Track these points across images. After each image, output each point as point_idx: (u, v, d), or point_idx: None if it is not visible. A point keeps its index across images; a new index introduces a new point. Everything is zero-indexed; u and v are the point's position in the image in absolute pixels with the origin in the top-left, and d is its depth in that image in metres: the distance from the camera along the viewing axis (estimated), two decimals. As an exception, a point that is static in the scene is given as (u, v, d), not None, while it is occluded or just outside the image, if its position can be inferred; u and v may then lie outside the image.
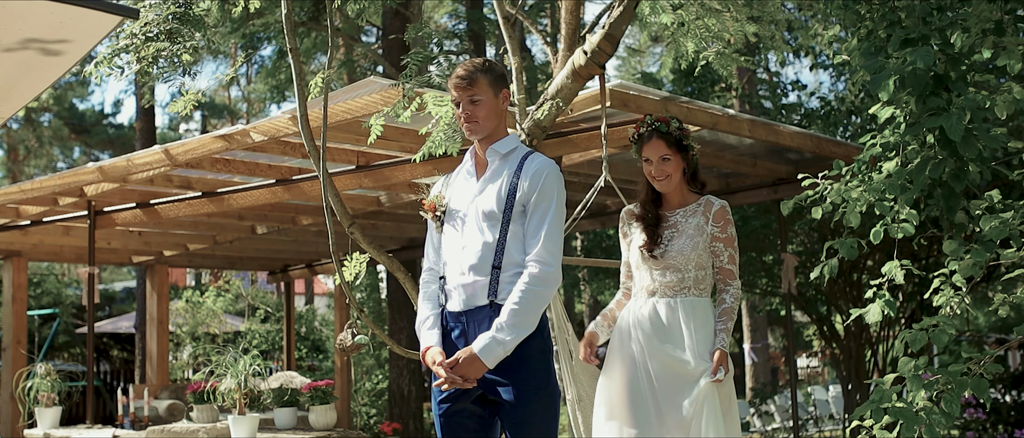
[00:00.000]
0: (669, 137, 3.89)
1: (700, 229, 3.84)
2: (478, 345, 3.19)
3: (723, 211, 3.88)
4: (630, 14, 5.13)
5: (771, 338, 22.98)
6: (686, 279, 3.81)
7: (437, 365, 3.25)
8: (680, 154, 3.90)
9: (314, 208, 9.33)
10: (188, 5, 4.79)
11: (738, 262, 3.90)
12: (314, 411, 6.77)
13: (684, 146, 3.91)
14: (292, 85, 17.12)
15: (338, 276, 4.61)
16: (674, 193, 3.94)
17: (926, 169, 3.75)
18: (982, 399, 3.60)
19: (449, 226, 3.42)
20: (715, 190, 8.57)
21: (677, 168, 3.90)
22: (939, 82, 3.88)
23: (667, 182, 3.91)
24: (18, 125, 25.50)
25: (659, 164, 3.90)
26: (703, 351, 3.73)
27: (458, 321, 3.32)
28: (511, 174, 3.35)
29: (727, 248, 3.86)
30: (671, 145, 3.88)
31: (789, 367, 9.44)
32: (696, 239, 3.83)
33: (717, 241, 3.85)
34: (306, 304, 22.59)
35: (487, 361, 3.18)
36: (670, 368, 3.74)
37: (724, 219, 3.86)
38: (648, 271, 3.87)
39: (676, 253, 3.82)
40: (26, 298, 10.18)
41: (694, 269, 3.82)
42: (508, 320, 3.17)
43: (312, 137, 4.75)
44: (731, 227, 3.88)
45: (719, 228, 3.85)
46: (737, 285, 3.88)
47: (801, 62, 16.88)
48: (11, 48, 4.28)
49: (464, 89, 3.36)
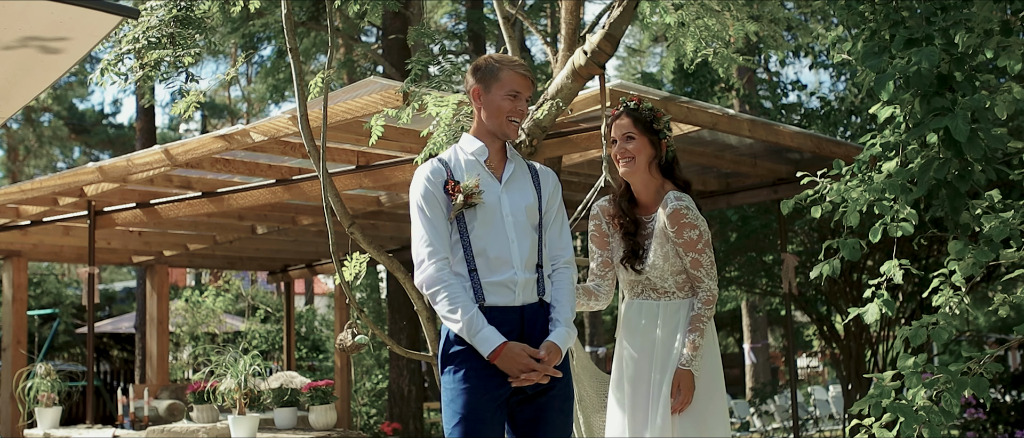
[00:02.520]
0: (636, 114, 3.65)
1: (665, 234, 3.62)
2: (557, 338, 3.28)
3: (677, 214, 3.58)
4: (630, 14, 5.13)
5: (771, 338, 22.98)
6: (668, 286, 3.67)
7: (529, 358, 3.19)
8: (647, 136, 3.64)
9: (314, 208, 9.33)
10: (189, 7, 4.78)
11: (707, 264, 3.63)
12: (314, 411, 6.77)
13: (653, 129, 3.64)
14: (291, 85, 17.13)
15: (338, 276, 4.61)
16: (645, 186, 3.70)
17: (931, 169, 3.74)
18: (982, 399, 3.60)
19: (482, 219, 3.28)
20: (715, 190, 8.58)
21: (641, 151, 3.64)
22: (943, 82, 3.88)
23: (630, 165, 3.65)
24: (18, 125, 25.50)
25: (622, 143, 3.65)
26: (665, 366, 3.62)
27: (507, 317, 3.25)
28: (532, 177, 3.44)
29: (689, 252, 3.59)
30: (637, 123, 3.63)
31: (789, 367, 9.44)
32: (665, 247, 3.62)
33: (677, 246, 3.61)
34: (306, 304, 22.58)
35: (563, 353, 3.30)
36: (641, 370, 3.70)
37: (679, 223, 3.58)
38: (630, 278, 3.77)
39: (650, 267, 3.66)
40: (26, 298, 10.18)
41: (672, 276, 3.66)
42: (568, 316, 3.33)
43: (312, 137, 4.74)
44: (689, 231, 3.58)
45: (675, 233, 3.59)
46: (706, 288, 3.62)
47: (801, 62, 16.90)
48: (10, 46, 4.28)
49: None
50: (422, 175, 3.32)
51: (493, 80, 3.36)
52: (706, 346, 3.68)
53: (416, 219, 3.30)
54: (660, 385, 3.63)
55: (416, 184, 3.32)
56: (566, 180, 8.24)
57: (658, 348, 3.67)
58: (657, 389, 3.63)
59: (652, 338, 3.69)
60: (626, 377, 3.73)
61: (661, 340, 3.67)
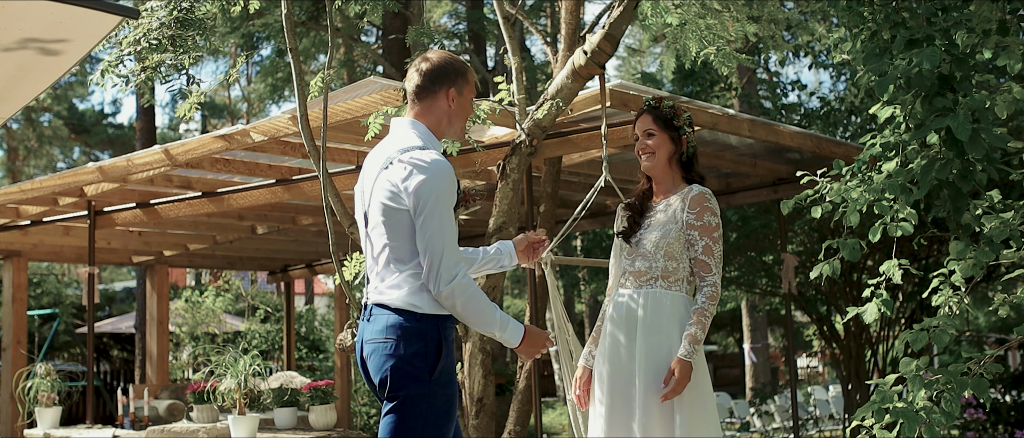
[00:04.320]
0: (656, 112, 3.80)
1: (675, 217, 3.69)
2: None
3: (701, 197, 3.69)
4: (630, 14, 5.13)
5: (771, 338, 22.99)
6: (654, 269, 3.68)
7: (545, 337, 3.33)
8: (667, 133, 3.78)
9: (314, 208, 9.33)
10: (190, 9, 4.78)
11: (717, 255, 3.68)
12: (314, 411, 6.77)
13: (673, 126, 3.79)
14: (289, 84, 17.13)
15: (338, 276, 4.61)
16: (663, 179, 3.81)
17: (933, 170, 3.74)
18: (982, 399, 3.60)
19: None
20: (715, 190, 8.55)
21: (662, 146, 3.78)
22: (944, 82, 3.87)
23: (651, 160, 3.79)
24: (18, 125, 25.50)
25: (643, 139, 3.80)
26: (650, 362, 3.60)
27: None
28: None
29: (703, 237, 3.65)
30: (657, 121, 3.78)
31: (789, 367, 9.43)
32: (668, 226, 3.68)
33: (691, 229, 3.66)
34: (306, 304, 22.58)
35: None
36: (618, 368, 3.70)
37: (701, 206, 3.67)
38: (623, 260, 3.81)
39: (646, 240, 3.71)
40: (26, 298, 10.18)
41: (663, 259, 3.67)
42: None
43: (312, 137, 4.75)
44: (710, 215, 3.66)
45: (694, 215, 3.67)
46: (713, 280, 3.65)
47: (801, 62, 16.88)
48: (10, 48, 4.28)
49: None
50: (450, 172, 3.14)
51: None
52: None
53: (446, 218, 3.08)
54: (639, 380, 3.62)
55: (447, 180, 3.11)
56: (566, 180, 8.24)
57: (639, 341, 3.66)
58: (641, 382, 3.61)
59: (633, 329, 3.69)
60: (605, 373, 3.74)
61: (642, 330, 3.66)
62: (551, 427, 17.44)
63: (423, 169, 3.07)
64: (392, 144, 3.21)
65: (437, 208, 3.05)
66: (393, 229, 3.11)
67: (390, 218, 3.10)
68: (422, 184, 3.05)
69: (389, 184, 3.11)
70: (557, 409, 19.40)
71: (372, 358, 3.12)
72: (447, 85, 3.26)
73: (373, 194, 3.17)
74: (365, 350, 3.17)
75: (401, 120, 3.30)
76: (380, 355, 3.09)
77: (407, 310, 3.08)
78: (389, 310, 3.10)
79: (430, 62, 3.27)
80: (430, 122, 3.26)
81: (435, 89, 3.25)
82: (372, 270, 3.21)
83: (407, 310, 3.08)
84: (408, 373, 3.05)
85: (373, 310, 3.15)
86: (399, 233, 3.10)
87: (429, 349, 3.08)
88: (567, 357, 4.73)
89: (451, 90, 3.26)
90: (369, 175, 3.22)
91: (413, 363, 3.05)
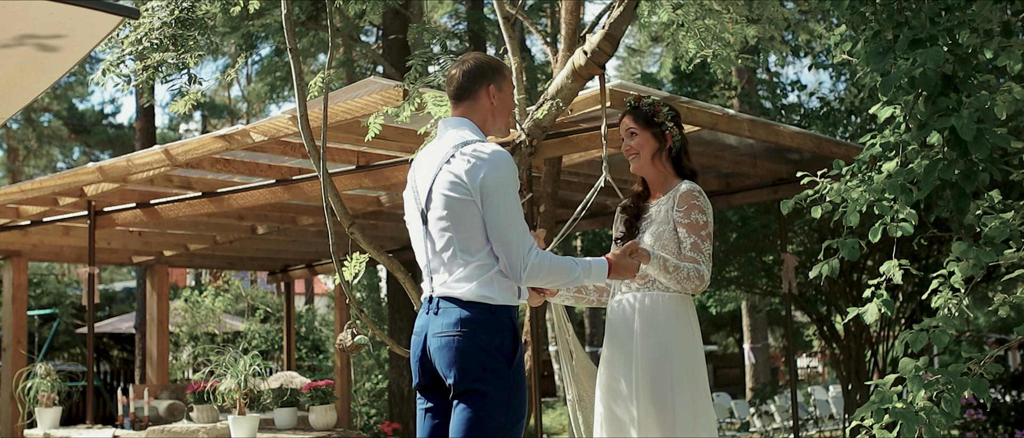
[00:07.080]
0: (636, 111, 3.80)
1: (667, 217, 3.67)
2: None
3: (689, 194, 3.65)
4: (630, 14, 5.12)
5: (771, 338, 22.99)
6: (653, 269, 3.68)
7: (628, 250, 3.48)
8: (648, 130, 3.76)
9: (314, 208, 9.33)
10: (191, 8, 4.78)
11: (706, 252, 3.63)
12: (314, 411, 6.77)
13: (655, 122, 3.77)
14: (289, 84, 17.12)
15: (338, 276, 4.61)
16: (654, 178, 3.80)
17: (936, 170, 3.73)
18: (982, 399, 3.60)
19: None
20: (715, 190, 8.58)
21: (645, 145, 3.77)
22: (947, 82, 3.87)
23: (636, 160, 3.79)
24: (18, 125, 25.50)
25: (627, 140, 3.80)
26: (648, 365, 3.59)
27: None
28: None
29: (691, 235, 3.62)
30: (638, 120, 3.78)
31: (789, 367, 9.43)
32: (662, 227, 3.66)
33: (680, 227, 3.64)
34: (306, 304, 22.58)
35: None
36: (615, 371, 3.70)
37: (689, 203, 3.64)
38: None
39: (643, 243, 3.68)
40: (26, 298, 10.18)
41: None
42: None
43: (312, 137, 4.74)
44: (697, 213, 3.63)
45: (682, 213, 3.64)
46: (697, 269, 3.58)
47: (801, 62, 16.90)
48: (9, 47, 4.27)
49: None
50: (510, 160, 3.16)
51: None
52: (692, 345, 3.66)
53: (513, 206, 3.11)
54: (637, 383, 3.61)
55: (510, 169, 3.14)
56: (566, 180, 8.24)
57: (636, 342, 3.65)
58: (640, 385, 3.61)
59: (630, 332, 3.68)
60: (603, 376, 3.76)
61: (639, 333, 3.65)
62: (551, 427, 17.44)
63: (486, 161, 3.11)
64: (447, 141, 3.24)
65: (504, 197, 3.09)
66: (459, 221, 3.12)
67: (455, 210, 3.12)
68: (487, 176, 3.09)
69: (452, 176, 3.13)
70: (557, 409, 19.40)
71: (443, 352, 3.10)
72: (486, 83, 3.30)
73: (433, 190, 3.18)
74: (431, 344, 3.14)
75: (450, 119, 3.33)
76: (453, 349, 3.07)
77: (480, 302, 3.08)
78: (460, 303, 3.09)
79: (467, 62, 3.33)
80: (476, 121, 3.31)
81: (475, 88, 3.30)
82: (434, 266, 3.20)
83: (480, 302, 3.08)
84: (488, 366, 3.04)
85: (440, 303, 3.14)
86: (466, 224, 3.12)
87: (505, 341, 3.09)
88: (567, 357, 4.73)
89: (491, 87, 3.30)
90: (424, 175, 3.25)
91: (493, 355, 3.06)
